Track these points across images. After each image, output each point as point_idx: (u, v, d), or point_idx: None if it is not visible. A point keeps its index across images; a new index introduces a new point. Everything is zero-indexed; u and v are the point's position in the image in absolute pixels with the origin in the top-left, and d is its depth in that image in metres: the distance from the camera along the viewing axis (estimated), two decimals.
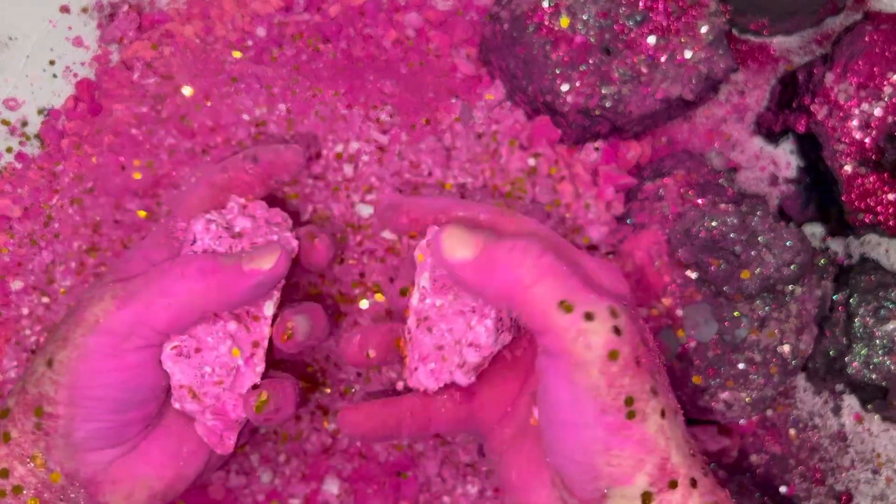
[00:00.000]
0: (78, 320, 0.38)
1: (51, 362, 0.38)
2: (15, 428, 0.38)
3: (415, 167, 0.50)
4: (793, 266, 0.48)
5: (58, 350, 0.38)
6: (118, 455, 0.40)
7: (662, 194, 0.51)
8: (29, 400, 0.38)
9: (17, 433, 0.38)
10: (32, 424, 0.38)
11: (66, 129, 0.53)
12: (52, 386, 0.38)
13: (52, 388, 0.38)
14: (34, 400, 0.38)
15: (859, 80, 0.50)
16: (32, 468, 0.38)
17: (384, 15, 0.55)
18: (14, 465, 0.38)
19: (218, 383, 0.40)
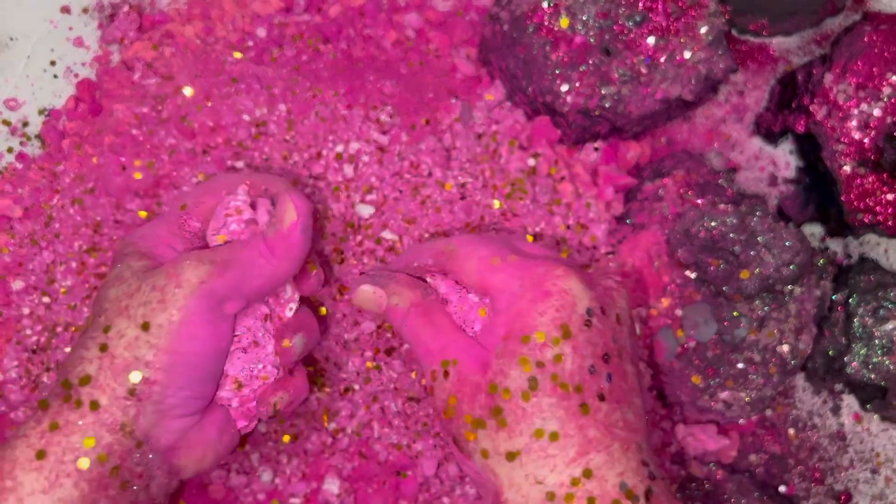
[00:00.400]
0: (178, 281, 0.38)
1: (147, 325, 0.37)
2: (104, 395, 0.37)
3: (415, 167, 0.50)
4: (792, 266, 0.48)
5: (154, 313, 0.37)
6: (194, 423, 0.40)
7: (662, 194, 0.51)
8: (119, 365, 0.37)
9: (107, 400, 0.37)
10: (126, 391, 0.37)
11: (67, 129, 0.53)
12: (150, 350, 0.37)
13: (151, 352, 0.37)
14: (127, 365, 0.37)
15: (858, 80, 0.50)
16: (120, 437, 0.37)
17: (384, 15, 0.55)
18: (102, 434, 0.37)
19: (264, 379, 0.42)
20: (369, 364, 0.48)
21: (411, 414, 0.48)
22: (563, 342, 0.36)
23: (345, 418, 0.49)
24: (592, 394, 0.36)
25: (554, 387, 0.36)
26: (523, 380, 0.36)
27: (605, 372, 0.37)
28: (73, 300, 0.49)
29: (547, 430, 0.36)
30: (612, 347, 0.38)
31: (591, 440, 0.36)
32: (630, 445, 0.36)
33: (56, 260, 0.50)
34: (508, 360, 0.37)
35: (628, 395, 0.37)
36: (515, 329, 0.37)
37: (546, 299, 0.37)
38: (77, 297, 0.49)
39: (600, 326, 0.37)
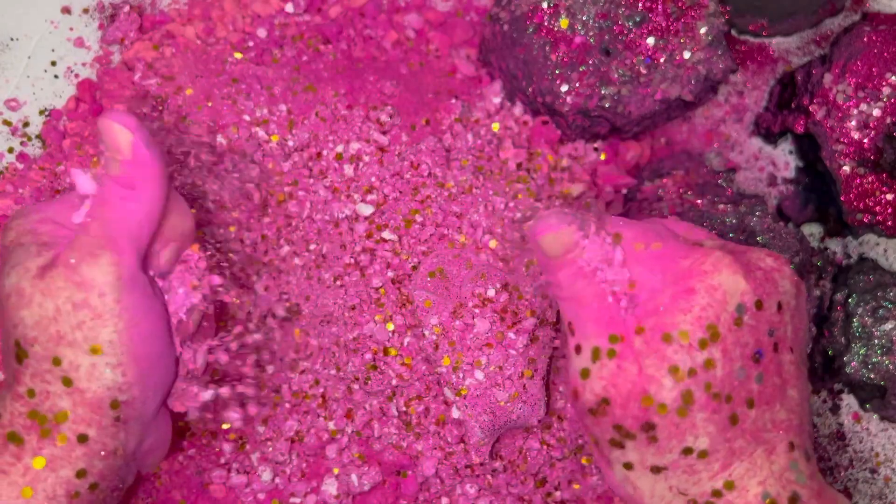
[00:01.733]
0: (99, 289, 0.34)
1: (97, 349, 0.34)
2: (90, 427, 0.34)
3: (415, 167, 0.50)
4: (791, 266, 0.48)
5: (95, 331, 0.34)
6: (159, 419, 0.38)
7: (661, 195, 0.51)
8: (93, 398, 0.34)
9: (95, 432, 0.35)
10: (112, 418, 0.35)
11: (68, 129, 0.53)
12: (116, 370, 0.34)
13: (118, 372, 0.34)
14: (101, 397, 0.34)
15: (858, 80, 0.50)
16: (111, 461, 0.35)
17: (384, 16, 0.55)
18: (93, 463, 0.35)
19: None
20: (368, 365, 0.48)
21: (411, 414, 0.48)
22: (710, 345, 0.33)
23: (344, 418, 0.49)
24: (742, 401, 0.33)
25: (708, 398, 0.33)
26: (677, 392, 0.32)
27: (755, 373, 0.33)
28: None
29: (697, 448, 0.33)
30: (767, 342, 0.34)
31: (736, 451, 0.33)
32: (776, 447, 0.34)
33: None
34: (655, 362, 0.33)
35: (781, 391, 0.34)
36: (654, 324, 0.33)
37: (691, 296, 0.33)
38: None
39: (753, 323, 0.33)
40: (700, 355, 0.32)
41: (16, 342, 0.35)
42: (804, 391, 0.35)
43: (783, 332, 0.34)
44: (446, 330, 0.47)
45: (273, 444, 0.48)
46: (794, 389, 0.34)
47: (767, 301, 0.34)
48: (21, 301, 0.34)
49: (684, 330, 0.33)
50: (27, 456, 0.34)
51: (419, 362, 0.48)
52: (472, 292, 0.48)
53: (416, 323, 0.48)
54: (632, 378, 0.33)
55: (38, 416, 0.34)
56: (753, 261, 0.35)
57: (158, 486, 0.48)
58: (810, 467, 0.34)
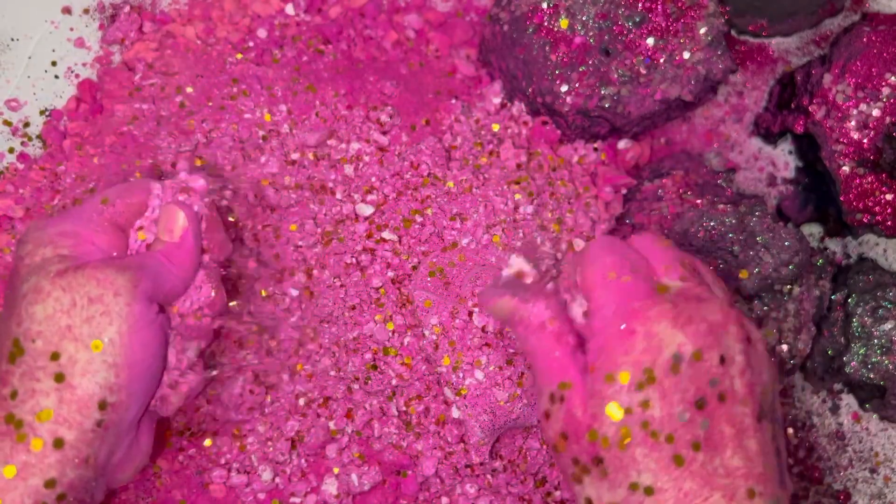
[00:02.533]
0: (115, 289, 0.36)
1: (99, 345, 0.35)
2: (70, 430, 0.34)
3: (415, 167, 0.50)
4: (791, 266, 0.48)
5: (101, 328, 0.35)
6: (134, 434, 0.39)
7: (661, 195, 0.51)
8: (82, 395, 0.35)
9: (73, 435, 0.35)
10: (94, 422, 0.35)
11: (68, 129, 0.53)
12: (111, 370, 0.35)
13: (111, 372, 0.35)
14: (91, 394, 0.35)
15: (857, 80, 0.50)
16: (82, 471, 0.35)
17: (384, 16, 0.55)
18: (65, 472, 0.34)
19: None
20: (368, 365, 0.48)
21: (411, 414, 0.48)
22: (647, 387, 0.35)
23: (344, 418, 0.49)
24: (686, 443, 0.34)
25: (645, 436, 0.34)
26: (615, 428, 0.34)
27: (699, 419, 0.35)
28: None
29: (642, 484, 0.34)
30: (710, 392, 0.35)
31: (687, 493, 0.34)
32: (735, 493, 0.34)
33: None
34: (598, 401, 0.35)
35: (732, 440, 0.35)
36: (601, 364, 0.36)
37: (631, 338, 0.36)
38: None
39: (690, 372, 0.35)
40: (637, 396, 0.34)
41: (14, 340, 0.35)
42: (766, 444, 0.36)
43: (729, 385, 0.36)
44: (446, 330, 0.47)
45: (273, 444, 0.48)
46: (753, 440, 0.36)
47: (707, 353, 0.35)
48: (37, 297, 0.36)
49: (625, 371, 0.35)
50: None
51: (419, 362, 0.48)
52: (472, 292, 0.48)
53: (416, 323, 0.48)
54: (580, 416, 0.36)
55: (13, 421, 0.34)
56: (702, 312, 0.37)
57: (158, 486, 0.48)
58: None
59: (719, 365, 0.36)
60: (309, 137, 0.50)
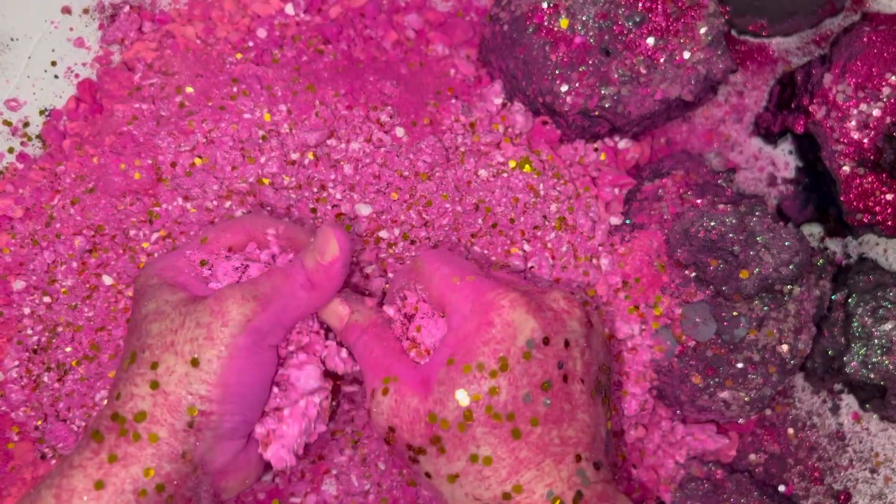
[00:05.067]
0: (224, 320, 0.39)
1: (196, 361, 0.39)
2: (162, 428, 0.38)
3: (415, 167, 0.50)
4: (791, 266, 0.48)
5: (202, 349, 0.39)
6: (243, 446, 0.42)
7: (661, 195, 0.51)
8: (174, 400, 0.38)
9: (166, 433, 0.38)
10: (185, 423, 0.38)
11: (68, 129, 0.53)
12: (203, 385, 0.38)
13: (203, 386, 0.38)
14: (180, 400, 0.38)
15: (857, 80, 0.50)
16: (180, 465, 0.38)
17: (384, 16, 0.55)
18: (161, 465, 0.38)
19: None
20: None
21: None
22: (499, 375, 0.38)
23: (344, 421, 0.49)
24: (525, 420, 0.38)
25: (488, 418, 0.38)
26: (459, 412, 0.38)
27: (542, 399, 0.38)
28: (73, 300, 0.49)
29: (481, 455, 0.38)
30: (555, 374, 0.39)
31: (522, 460, 0.38)
32: (564, 458, 0.38)
33: (57, 260, 0.50)
34: (448, 388, 0.38)
35: (570, 415, 0.39)
36: (459, 355, 0.39)
37: (489, 329, 0.39)
38: (78, 296, 0.49)
39: (540, 357, 0.39)
40: (488, 383, 0.38)
41: (132, 353, 0.40)
42: (596, 416, 0.40)
43: (572, 366, 0.40)
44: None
45: None
46: (586, 414, 0.40)
47: (555, 338, 0.39)
48: (157, 317, 0.40)
49: (482, 361, 0.38)
50: (104, 452, 0.38)
51: None
52: None
53: None
54: (414, 406, 0.39)
55: (118, 418, 0.39)
56: (547, 302, 0.41)
57: None
58: (599, 475, 0.39)
59: (564, 348, 0.39)
60: (309, 137, 0.50)
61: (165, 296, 0.41)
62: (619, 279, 0.50)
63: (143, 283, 0.43)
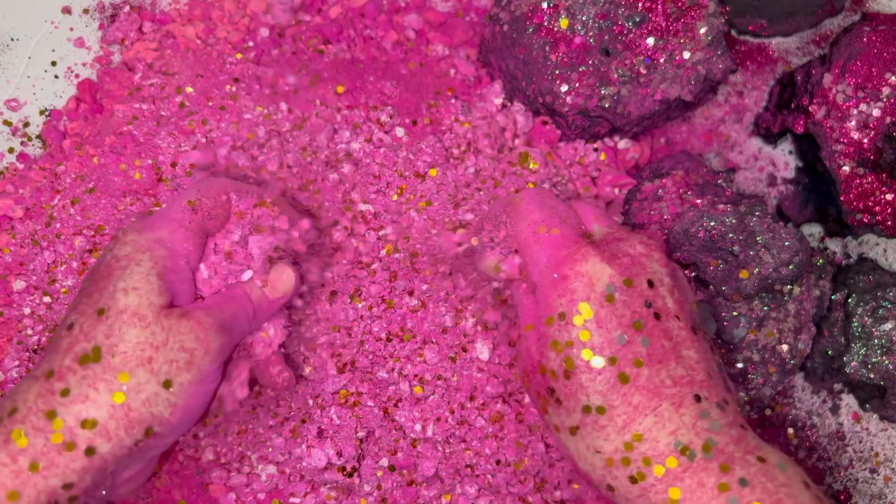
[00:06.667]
0: (207, 349, 0.39)
1: (169, 384, 0.38)
2: (107, 443, 0.36)
3: (415, 167, 0.50)
4: (791, 266, 0.48)
5: (178, 372, 0.38)
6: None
7: (661, 195, 0.51)
8: (135, 417, 0.37)
9: (108, 448, 0.36)
10: (133, 441, 0.37)
11: (68, 129, 0.53)
12: (168, 408, 0.38)
13: (168, 409, 0.38)
14: (142, 419, 0.37)
15: (857, 80, 0.50)
16: (99, 479, 0.37)
17: (384, 16, 0.55)
18: (84, 478, 0.36)
19: None
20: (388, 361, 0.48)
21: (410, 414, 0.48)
22: (585, 320, 0.38)
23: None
24: (629, 362, 0.38)
25: (587, 363, 0.38)
26: (559, 361, 0.38)
27: (638, 339, 0.38)
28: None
29: (593, 405, 0.38)
30: (645, 312, 0.39)
31: (637, 406, 0.37)
32: (682, 400, 0.37)
33: (57, 260, 0.50)
34: (545, 342, 0.39)
35: (673, 352, 0.38)
36: (542, 311, 0.40)
37: (564, 283, 0.39)
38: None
39: (624, 298, 0.39)
40: (576, 330, 0.38)
41: (95, 348, 0.37)
42: (702, 351, 0.40)
43: (662, 304, 0.40)
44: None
45: (273, 444, 0.48)
46: (692, 350, 0.39)
47: (636, 279, 0.40)
48: (136, 322, 0.38)
49: (562, 311, 0.39)
50: (25, 459, 0.35)
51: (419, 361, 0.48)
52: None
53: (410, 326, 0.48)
54: (533, 354, 0.40)
55: (54, 418, 0.35)
56: (624, 248, 0.41)
57: (158, 486, 0.48)
58: (725, 416, 0.38)
59: (649, 288, 0.39)
60: (309, 137, 0.50)
61: (150, 291, 0.39)
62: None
63: (128, 252, 0.40)
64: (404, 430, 0.48)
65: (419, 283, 0.49)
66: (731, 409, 0.39)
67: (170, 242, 0.41)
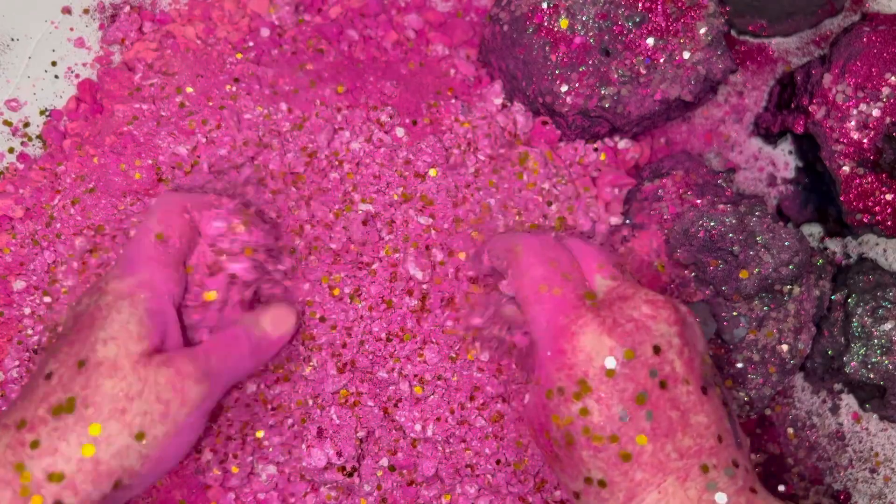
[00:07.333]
0: (184, 399, 0.38)
1: (142, 436, 0.37)
2: (74, 497, 0.35)
3: (415, 167, 0.50)
4: (791, 266, 0.48)
5: (153, 425, 0.37)
6: None
7: (661, 195, 0.51)
8: (104, 471, 0.36)
9: (75, 501, 0.35)
10: (101, 495, 0.36)
11: (68, 129, 0.53)
12: (140, 460, 0.37)
13: (139, 462, 0.37)
14: (111, 472, 0.36)
15: (857, 80, 0.50)
16: None
17: (384, 16, 0.55)
18: None
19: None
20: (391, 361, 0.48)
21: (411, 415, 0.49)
22: (584, 396, 0.36)
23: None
24: (630, 439, 0.36)
25: (588, 440, 0.36)
26: (561, 433, 0.37)
27: (642, 413, 0.36)
28: (74, 300, 0.49)
29: (594, 478, 0.36)
30: (649, 383, 0.36)
31: (639, 483, 0.36)
32: (689, 473, 0.36)
33: (57, 260, 0.50)
34: (547, 413, 0.38)
35: (681, 422, 0.36)
36: (543, 380, 0.38)
37: (562, 356, 0.37)
38: (78, 296, 0.49)
39: (627, 371, 0.37)
40: (576, 406, 0.36)
41: (70, 399, 0.36)
42: (714, 412, 0.37)
43: (670, 370, 0.37)
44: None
45: (273, 444, 0.48)
46: (701, 414, 0.37)
47: (640, 349, 0.37)
48: (112, 372, 0.37)
49: (561, 386, 0.37)
50: None
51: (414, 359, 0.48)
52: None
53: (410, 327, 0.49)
54: (539, 415, 0.39)
55: (22, 472, 0.35)
56: (627, 311, 0.38)
57: (158, 486, 0.48)
58: (734, 482, 0.36)
59: (655, 355, 0.37)
60: (309, 137, 0.50)
61: (128, 340, 0.38)
62: None
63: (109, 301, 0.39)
64: (404, 430, 0.48)
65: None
66: (741, 471, 0.37)
67: (151, 283, 0.40)
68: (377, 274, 0.49)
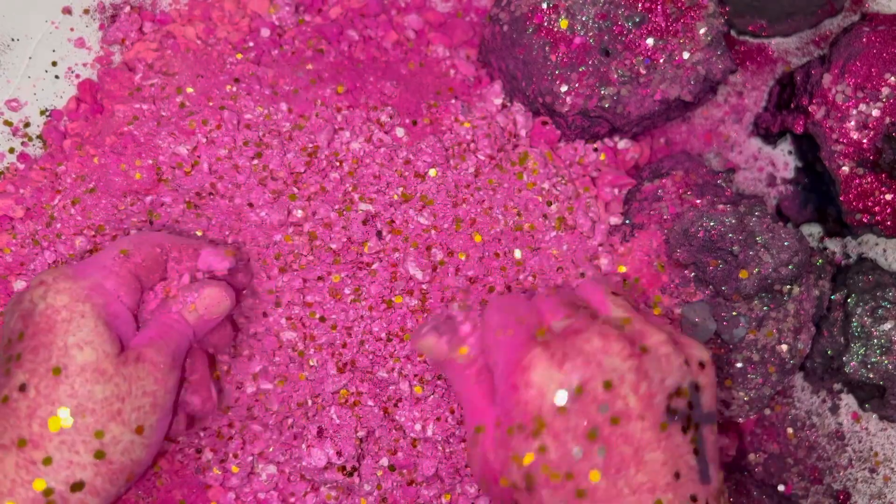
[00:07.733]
0: (167, 387, 0.40)
1: (141, 429, 0.39)
2: (96, 498, 0.38)
3: (415, 167, 0.50)
4: (790, 266, 0.48)
5: (147, 416, 0.39)
6: None
7: (661, 195, 0.51)
8: (117, 468, 0.38)
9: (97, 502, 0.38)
10: (117, 491, 0.39)
11: (69, 129, 0.53)
12: (145, 450, 0.40)
13: (145, 451, 0.40)
14: (124, 467, 0.39)
15: (857, 80, 0.50)
16: None
17: (384, 17, 0.55)
18: None
19: None
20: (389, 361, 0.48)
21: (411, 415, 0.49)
22: (540, 433, 0.36)
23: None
24: (584, 476, 0.36)
25: (546, 478, 0.36)
26: (521, 475, 0.37)
27: (594, 449, 0.36)
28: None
29: None
30: (600, 419, 0.36)
31: None
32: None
33: (58, 260, 0.50)
34: (505, 451, 0.38)
35: (633, 458, 0.36)
36: (503, 418, 0.38)
37: (516, 392, 0.38)
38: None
39: (577, 407, 0.36)
40: (534, 443, 0.36)
41: (63, 410, 0.38)
42: (672, 449, 0.37)
43: (622, 405, 0.36)
44: None
45: (273, 444, 0.48)
46: (657, 451, 0.36)
47: (589, 384, 0.37)
48: (99, 378, 0.38)
49: (520, 423, 0.37)
50: None
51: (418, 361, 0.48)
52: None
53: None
54: (493, 461, 0.39)
55: (44, 489, 0.36)
56: (579, 344, 0.38)
57: (159, 486, 0.48)
58: None
59: (605, 391, 0.37)
60: (309, 137, 0.50)
61: (103, 342, 0.39)
62: (618, 279, 0.50)
63: (66, 302, 0.39)
64: (404, 429, 0.48)
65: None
66: (703, 500, 0.37)
67: (103, 288, 0.41)
68: (377, 274, 0.49)
